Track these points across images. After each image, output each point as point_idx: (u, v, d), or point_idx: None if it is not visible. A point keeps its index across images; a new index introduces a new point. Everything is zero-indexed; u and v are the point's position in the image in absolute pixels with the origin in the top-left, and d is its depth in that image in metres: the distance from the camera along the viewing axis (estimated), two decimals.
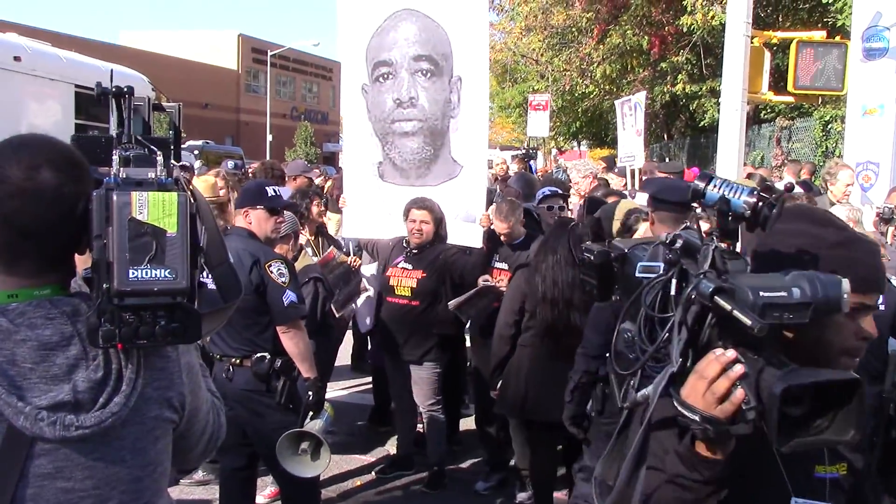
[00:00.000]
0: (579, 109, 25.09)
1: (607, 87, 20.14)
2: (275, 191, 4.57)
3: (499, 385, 4.90)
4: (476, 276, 5.51)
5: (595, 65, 19.24)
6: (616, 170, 8.71)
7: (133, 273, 1.39)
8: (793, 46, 8.43)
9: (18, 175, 1.46)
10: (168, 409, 1.58)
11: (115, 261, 1.39)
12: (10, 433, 1.42)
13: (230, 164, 10.72)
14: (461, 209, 5.73)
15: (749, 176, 8.69)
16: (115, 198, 1.40)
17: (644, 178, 7.07)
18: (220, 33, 54.75)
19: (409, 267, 5.54)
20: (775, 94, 9.22)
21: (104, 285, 1.40)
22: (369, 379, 7.01)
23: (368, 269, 6.13)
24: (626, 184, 8.68)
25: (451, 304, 5.40)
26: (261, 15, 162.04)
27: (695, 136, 22.12)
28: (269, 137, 45.82)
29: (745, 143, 9.48)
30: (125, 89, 1.80)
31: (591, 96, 21.44)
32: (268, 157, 39.62)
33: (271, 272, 4.21)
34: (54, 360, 1.46)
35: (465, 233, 5.75)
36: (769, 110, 16.50)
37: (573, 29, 20.07)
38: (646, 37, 17.86)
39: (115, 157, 1.50)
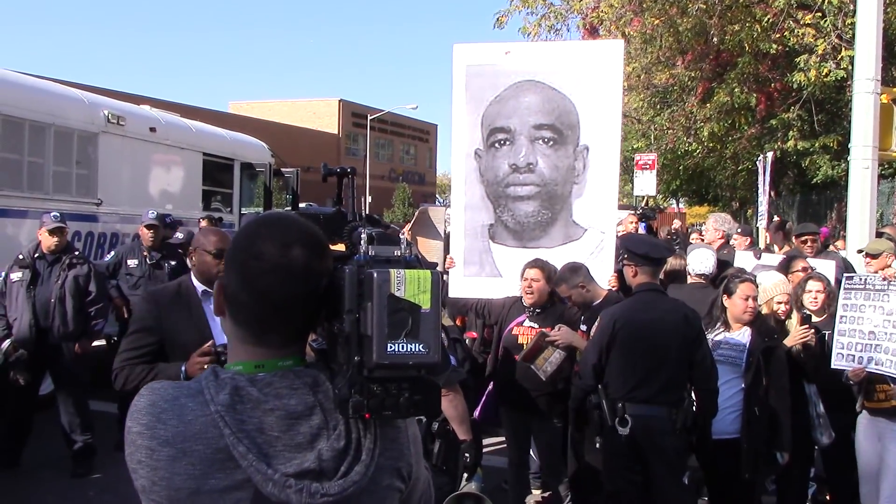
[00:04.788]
0: (680, 167, 24.88)
1: (711, 144, 19.95)
2: None
3: None
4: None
5: (699, 123, 19.10)
6: (740, 230, 8.60)
7: (391, 347, 1.43)
8: None
9: (273, 252, 1.52)
10: (398, 479, 1.59)
11: (374, 335, 1.43)
12: (257, 499, 1.45)
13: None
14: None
15: (879, 234, 8.43)
16: (375, 275, 1.45)
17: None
18: (322, 100, 56.71)
19: (536, 325, 5.59)
20: None
21: (356, 357, 1.45)
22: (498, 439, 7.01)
23: None
24: (750, 243, 8.54)
25: (520, 356, 5.51)
26: (361, 80, 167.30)
27: (805, 192, 21.61)
28: (369, 199, 46.85)
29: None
30: (349, 170, 1.89)
31: (695, 154, 21.27)
32: None
33: None
34: (298, 430, 1.49)
35: None
36: (886, 166, 16.01)
37: (676, 87, 20.03)
38: (753, 94, 17.65)
39: (364, 236, 1.55)
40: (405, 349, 1.44)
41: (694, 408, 4.85)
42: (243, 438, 1.46)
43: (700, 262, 6.51)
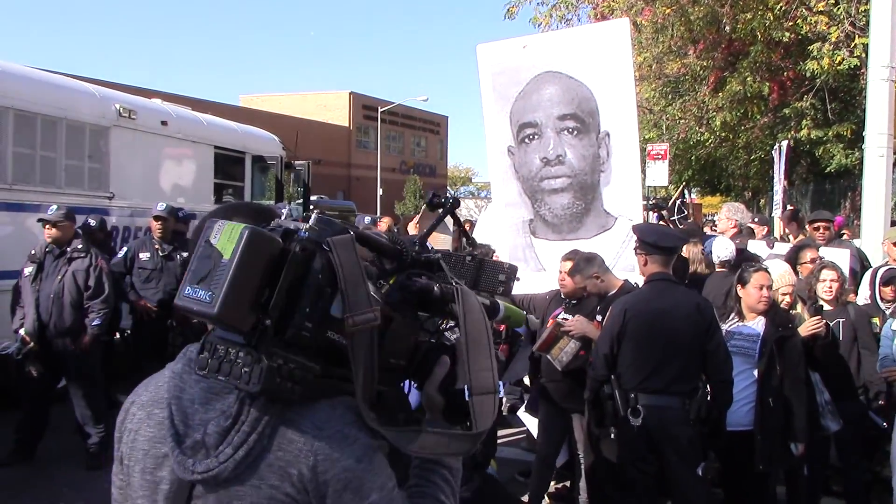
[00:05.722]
0: (693, 157, 24.74)
1: (724, 134, 19.84)
2: None
3: None
4: None
5: (712, 112, 18.98)
6: (757, 219, 8.57)
7: (187, 290, 1.39)
8: None
9: None
10: (289, 485, 1.44)
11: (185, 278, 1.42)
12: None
13: (367, 219, 10.99)
14: (619, 258, 5.76)
15: (895, 223, 8.37)
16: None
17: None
18: (333, 93, 56.69)
19: (570, 317, 5.57)
20: None
21: None
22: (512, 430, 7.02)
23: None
24: (767, 232, 8.50)
25: (535, 346, 5.53)
26: (371, 72, 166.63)
27: (819, 182, 21.47)
28: (380, 191, 46.86)
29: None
30: (451, 200, 1.88)
31: (707, 144, 21.16)
32: (378, 212, 40.43)
33: None
34: (214, 405, 1.47)
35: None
36: None
37: (688, 77, 19.91)
38: (766, 83, 17.53)
39: (314, 216, 1.53)
40: (194, 294, 1.37)
41: (709, 398, 4.81)
42: (173, 405, 1.49)
43: (724, 248, 6.51)
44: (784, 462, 5.19)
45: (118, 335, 9.32)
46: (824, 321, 5.43)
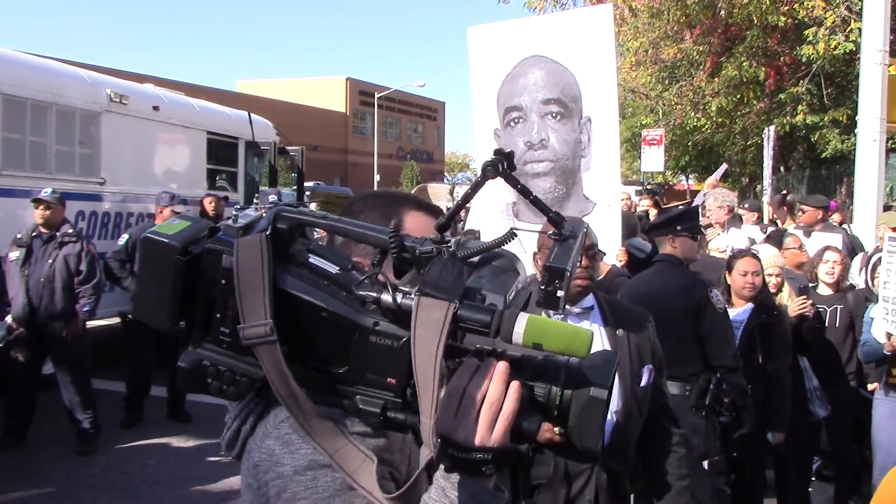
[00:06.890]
0: (689, 143, 24.70)
1: (720, 119, 19.81)
2: None
3: None
4: None
5: (708, 97, 18.95)
6: (747, 204, 8.56)
7: None
8: None
9: None
10: (249, 474, 1.43)
11: None
12: None
13: None
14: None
15: (888, 208, 8.36)
16: None
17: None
18: (330, 78, 56.53)
19: None
20: None
21: None
22: None
23: None
24: (757, 217, 8.49)
25: None
26: (368, 58, 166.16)
27: (814, 167, 21.45)
28: (377, 177, 46.77)
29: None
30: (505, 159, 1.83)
31: (703, 129, 21.12)
32: None
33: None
34: None
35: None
36: None
37: (684, 62, 19.87)
38: (762, 68, 17.49)
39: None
40: None
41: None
42: None
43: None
44: (760, 450, 5.12)
45: (120, 320, 9.30)
46: (810, 301, 5.41)
